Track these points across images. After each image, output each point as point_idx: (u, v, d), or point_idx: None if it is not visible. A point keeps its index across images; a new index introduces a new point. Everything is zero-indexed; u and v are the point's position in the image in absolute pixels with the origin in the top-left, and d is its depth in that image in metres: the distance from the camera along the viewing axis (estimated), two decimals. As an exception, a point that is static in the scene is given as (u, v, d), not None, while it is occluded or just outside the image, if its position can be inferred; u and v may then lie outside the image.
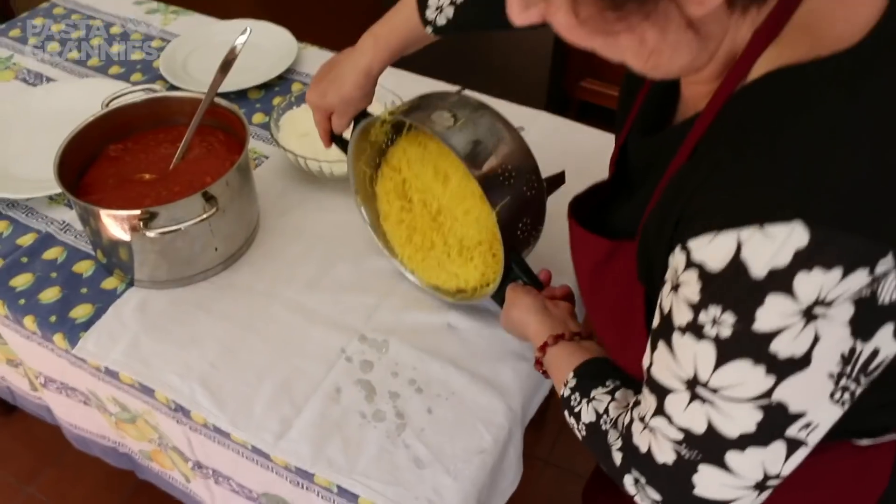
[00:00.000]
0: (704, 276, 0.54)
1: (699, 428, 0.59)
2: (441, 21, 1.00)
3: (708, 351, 0.56)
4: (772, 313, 0.52)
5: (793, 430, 0.57)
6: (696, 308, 0.56)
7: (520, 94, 1.64)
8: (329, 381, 1.00)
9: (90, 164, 1.17)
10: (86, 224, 1.10)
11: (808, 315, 0.51)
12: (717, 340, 0.55)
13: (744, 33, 0.58)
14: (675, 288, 0.58)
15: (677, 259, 0.57)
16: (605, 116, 2.68)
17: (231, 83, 1.43)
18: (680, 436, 0.61)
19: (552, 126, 1.43)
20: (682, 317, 0.58)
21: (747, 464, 0.59)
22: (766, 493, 0.61)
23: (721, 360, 0.56)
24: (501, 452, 0.96)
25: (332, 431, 0.95)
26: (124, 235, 1.04)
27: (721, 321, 0.54)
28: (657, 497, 0.65)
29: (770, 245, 0.50)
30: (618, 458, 0.69)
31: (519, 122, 1.01)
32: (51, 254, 1.18)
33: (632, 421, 0.68)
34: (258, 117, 1.44)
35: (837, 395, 0.56)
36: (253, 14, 1.71)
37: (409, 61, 1.54)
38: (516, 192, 0.94)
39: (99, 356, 1.04)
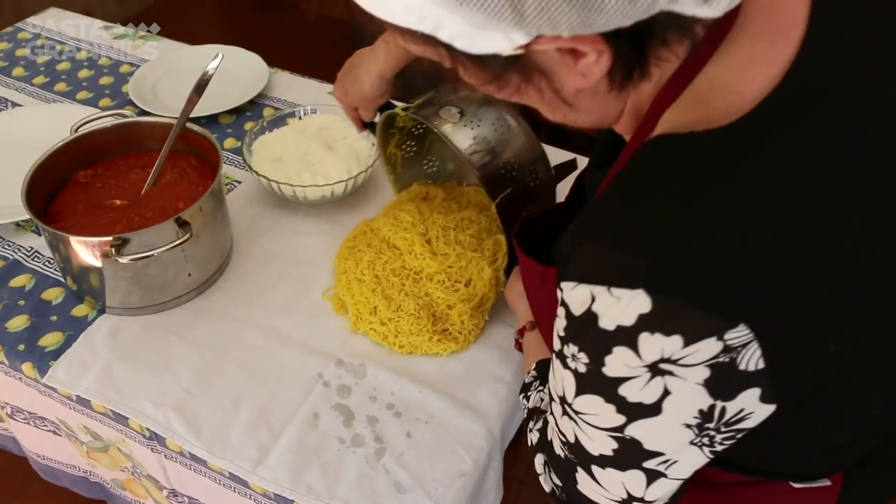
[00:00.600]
0: (568, 315, 0.58)
1: (570, 438, 0.66)
2: None
3: (570, 379, 0.61)
4: (618, 362, 0.55)
5: (650, 464, 0.61)
6: (563, 341, 0.60)
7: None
8: (306, 406, 1.00)
9: (59, 190, 1.15)
10: (55, 251, 1.09)
11: (654, 370, 0.54)
12: (576, 373, 0.60)
13: (649, 92, 0.60)
14: (557, 316, 0.61)
15: (558, 292, 0.60)
16: (575, 140, 2.72)
17: (202, 108, 1.43)
18: (562, 437, 0.67)
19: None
20: (556, 344, 0.62)
21: (609, 481, 0.64)
22: None
23: (579, 390, 0.61)
24: (482, 475, 0.96)
25: (310, 457, 0.94)
26: (96, 262, 1.03)
27: (578, 358, 0.59)
28: (557, 481, 0.73)
29: (617, 305, 0.53)
30: (534, 439, 0.78)
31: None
32: (18, 281, 1.16)
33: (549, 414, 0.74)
34: (230, 142, 1.44)
35: (699, 442, 0.58)
36: (222, 40, 1.71)
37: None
38: (518, 183, 0.98)
39: (70, 385, 1.02)
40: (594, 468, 0.65)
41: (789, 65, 0.54)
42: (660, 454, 0.60)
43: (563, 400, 0.64)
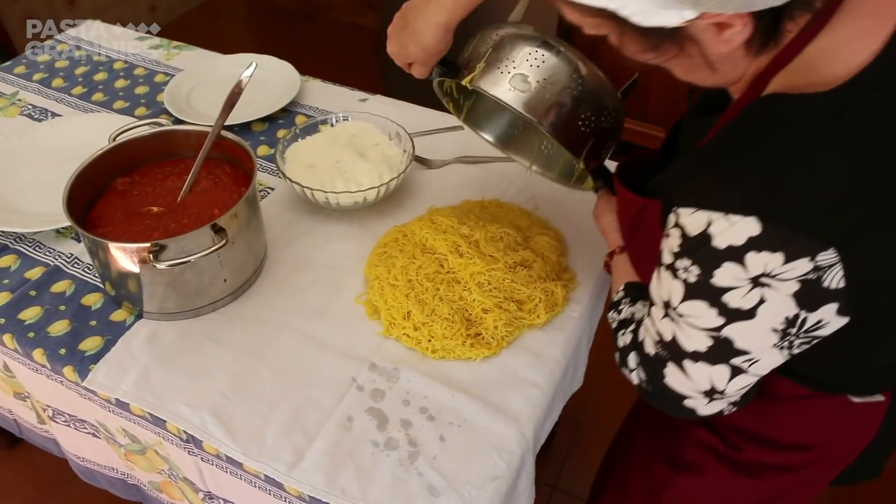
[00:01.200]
0: (684, 236, 0.71)
1: (667, 336, 0.79)
2: None
3: (679, 288, 0.74)
4: (725, 275, 0.69)
5: (736, 361, 0.75)
6: (675, 256, 0.73)
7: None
8: (340, 410, 1.01)
9: (98, 197, 1.18)
10: (94, 257, 1.11)
11: (756, 282, 0.67)
12: (686, 283, 0.73)
13: (766, 58, 0.71)
14: (666, 236, 0.75)
15: (670, 217, 0.73)
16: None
17: (235, 116, 1.45)
18: (657, 337, 0.80)
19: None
20: (666, 258, 0.75)
21: (698, 373, 0.78)
22: (716, 404, 0.80)
23: (686, 296, 0.73)
24: (514, 479, 0.96)
25: (344, 460, 0.95)
26: (133, 268, 1.05)
27: (689, 270, 0.72)
28: (643, 377, 0.85)
29: (731, 229, 0.66)
30: (626, 340, 0.89)
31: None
32: (59, 287, 1.19)
33: (642, 318, 0.87)
34: (263, 149, 1.46)
35: (781, 345, 0.72)
36: (253, 50, 1.74)
37: (408, 93, 1.57)
38: (597, 130, 0.98)
39: (109, 388, 1.04)
40: (686, 362, 0.78)
41: (888, 41, 0.66)
42: (746, 353, 0.74)
43: (667, 305, 0.76)
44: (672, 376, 0.81)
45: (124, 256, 1.04)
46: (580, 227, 1.28)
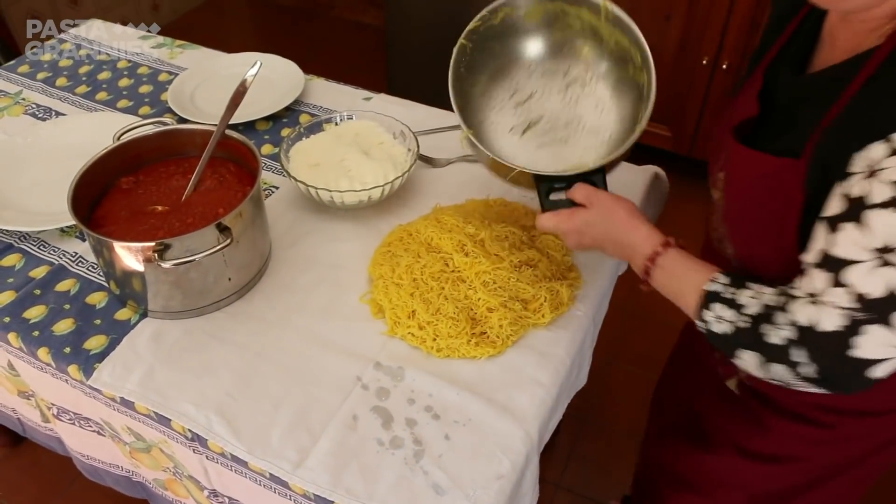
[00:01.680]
0: None
1: (878, 290, 0.72)
2: None
3: None
4: None
5: None
6: None
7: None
8: (345, 408, 1.01)
9: (102, 196, 1.18)
10: (99, 256, 1.11)
11: None
12: None
13: None
14: (872, 173, 0.72)
15: (874, 150, 0.72)
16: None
17: (239, 115, 1.45)
18: (854, 302, 0.73)
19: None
20: (882, 195, 0.71)
21: None
22: None
23: None
24: (519, 478, 0.96)
25: (349, 459, 0.95)
26: (138, 267, 1.05)
27: None
28: (812, 368, 0.77)
29: None
30: (786, 334, 0.79)
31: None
32: (64, 285, 1.19)
33: (793, 300, 0.79)
34: (267, 148, 1.46)
35: None
36: (256, 48, 1.74)
37: (412, 91, 1.57)
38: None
39: (114, 387, 1.04)
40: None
41: None
42: None
43: (886, 250, 0.71)
44: (870, 340, 0.74)
45: (129, 255, 1.04)
46: (585, 225, 1.28)
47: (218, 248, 1.03)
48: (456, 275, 1.10)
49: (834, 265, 0.75)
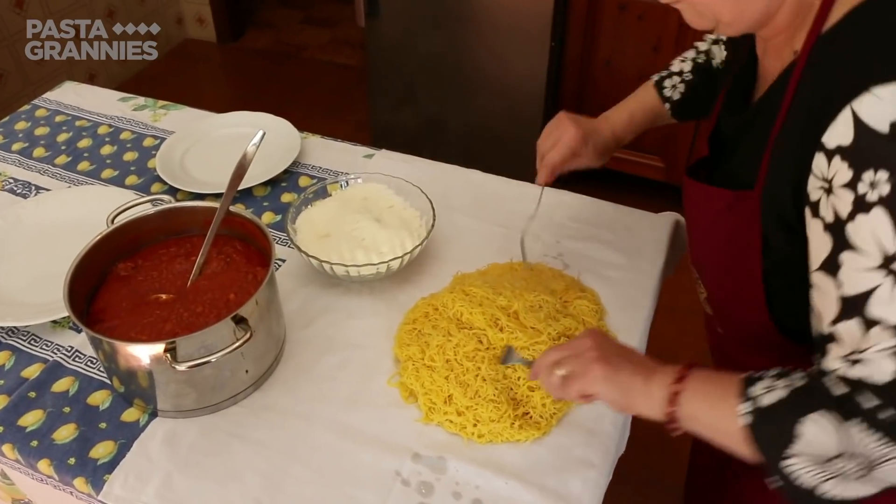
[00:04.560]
0: (845, 153, 0.64)
1: None
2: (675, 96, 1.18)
3: (881, 217, 0.62)
4: None
5: None
6: (853, 183, 0.64)
7: (510, 167, 1.60)
8: (386, 509, 0.93)
9: (99, 285, 1.09)
10: (99, 350, 1.02)
11: None
12: (883, 200, 0.62)
13: None
14: (829, 190, 0.66)
15: (819, 165, 0.67)
16: (596, 175, 2.66)
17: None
18: (895, 339, 0.63)
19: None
20: (845, 205, 0.65)
21: None
22: None
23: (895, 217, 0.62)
24: (584, 575, 0.88)
25: (399, 570, 0.87)
26: (147, 367, 0.96)
27: (877, 181, 0.62)
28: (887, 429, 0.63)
29: (881, 105, 0.62)
30: (839, 389, 0.66)
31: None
32: (61, 385, 1.09)
33: (829, 373, 0.67)
34: (267, 217, 1.37)
35: None
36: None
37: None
38: None
39: (128, 500, 0.95)
40: None
41: None
42: None
43: (888, 260, 0.63)
44: None
45: (137, 356, 0.96)
46: (614, 283, 1.22)
47: (236, 345, 0.94)
48: (492, 352, 1.03)
49: (854, 307, 0.66)
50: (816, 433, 0.65)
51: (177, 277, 1.09)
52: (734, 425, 0.70)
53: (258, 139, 1.14)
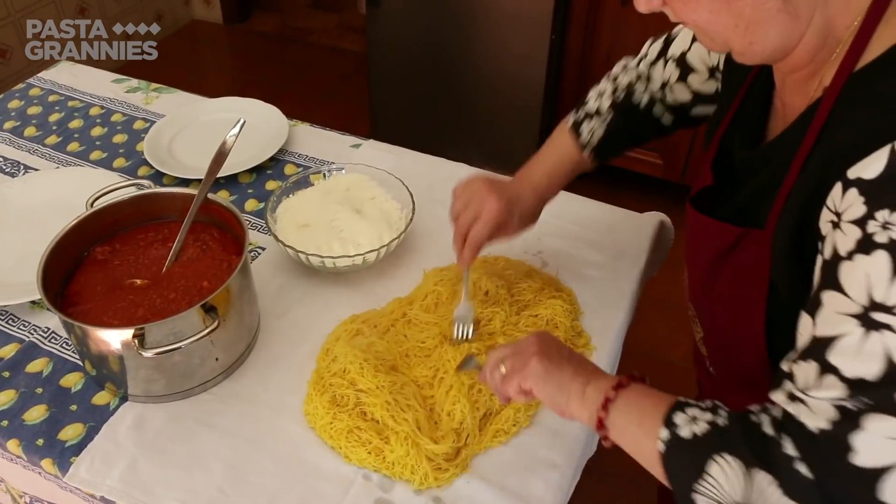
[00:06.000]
0: (865, 187, 0.60)
1: (874, 369, 0.57)
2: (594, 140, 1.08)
3: (881, 262, 0.58)
4: None
5: None
6: (864, 220, 0.59)
7: (508, 159, 1.60)
8: (348, 502, 0.93)
9: (76, 268, 1.09)
10: (72, 334, 1.03)
11: None
12: (891, 245, 0.57)
13: (831, 14, 0.67)
14: (837, 224, 0.62)
15: (833, 197, 0.63)
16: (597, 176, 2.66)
17: (220, 168, 1.36)
18: (845, 391, 0.58)
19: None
20: (848, 242, 0.61)
21: None
22: None
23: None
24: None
25: (354, 564, 0.87)
26: (117, 351, 0.97)
27: (891, 223, 0.57)
28: (809, 474, 0.59)
29: None
30: (768, 426, 0.64)
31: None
32: (35, 366, 1.10)
33: (768, 408, 0.66)
34: (251, 204, 1.37)
35: None
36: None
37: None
38: None
39: (93, 484, 0.96)
40: None
41: None
42: None
43: (867, 311, 0.58)
44: (871, 436, 0.57)
45: (106, 341, 0.96)
46: (593, 282, 1.21)
47: (204, 333, 0.94)
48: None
49: (817, 348, 0.62)
50: (722, 474, 0.64)
51: (153, 263, 1.10)
52: (653, 448, 0.70)
53: (237, 129, 1.13)
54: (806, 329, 0.65)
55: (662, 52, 1.07)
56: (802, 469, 0.60)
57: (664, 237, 1.36)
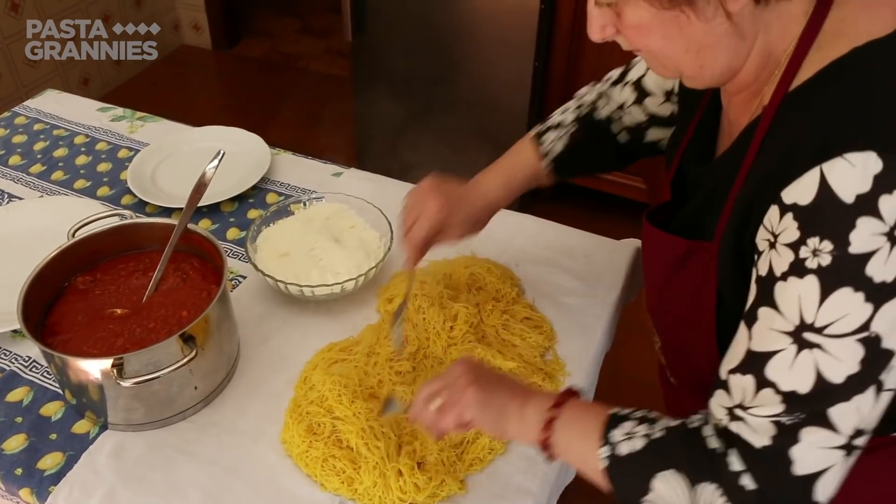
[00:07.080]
0: (799, 215, 0.63)
1: (806, 384, 0.63)
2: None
3: (812, 286, 0.62)
4: (864, 235, 0.60)
5: (883, 373, 0.63)
6: (797, 245, 0.63)
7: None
8: (323, 531, 0.94)
9: (58, 297, 1.11)
10: (51, 363, 1.04)
11: (893, 238, 0.59)
12: (819, 271, 0.62)
13: (772, 38, 0.71)
14: (773, 244, 0.66)
15: (770, 218, 0.66)
16: (579, 194, 2.67)
17: (203, 197, 1.37)
18: (781, 406, 0.64)
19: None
20: (783, 263, 0.64)
21: (847, 414, 0.63)
22: (852, 458, 0.65)
23: (825, 291, 0.62)
24: None
25: (329, 592, 0.88)
26: (96, 381, 0.98)
27: (820, 251, 0.61)
28: (753, 485, 0.65)
29: (850, 172, 0.60)
30: (713, 443, 0.69)
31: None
32: (16, 395, 1.11)
33: (709, 422, 0.70)
34: (233, 233, 1.39)
35: None
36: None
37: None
38: None
39: (71, 513, 0.96)
40: (833, 410, 0.63)
41: None
42: (892, 354, 0.62)
43: (799, 330, 0.63)
44: (806, 447, 0.64)
45: (86, 371, 0.97)
46: (569, 310, 1.23)
47: (182, 362, 0.96)
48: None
49: (754, 363, 0.66)
50: (666, 490, 0.68)
51: (133, 293, 1.11)
52: (596, 464, 0.73)
53: (217, 161, 1.15)
54: (742, 339, 0.69)
55: (622, 76, 1.12)
56: (747, 480, 0.66)
57: (641, 263, 1.38)
